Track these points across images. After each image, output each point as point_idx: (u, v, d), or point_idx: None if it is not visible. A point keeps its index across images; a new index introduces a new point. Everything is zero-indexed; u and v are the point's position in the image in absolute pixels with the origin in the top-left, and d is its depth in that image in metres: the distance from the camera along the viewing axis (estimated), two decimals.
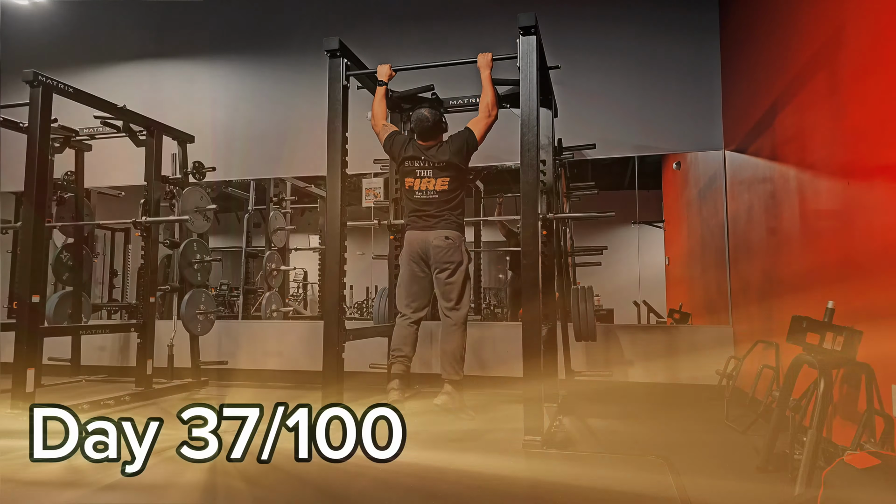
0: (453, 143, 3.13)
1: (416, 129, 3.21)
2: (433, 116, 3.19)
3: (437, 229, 3.09)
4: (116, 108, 4.16)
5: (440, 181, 3.10)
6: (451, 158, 3.08)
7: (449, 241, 3.07)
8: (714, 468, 2.45)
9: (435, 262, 3.10)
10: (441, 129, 3.21)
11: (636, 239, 5.89)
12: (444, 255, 3.07)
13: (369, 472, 2.30)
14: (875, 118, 2.18)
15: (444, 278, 3.10)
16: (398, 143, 3.23)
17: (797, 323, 2.34)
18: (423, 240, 3.11)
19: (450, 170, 3.10)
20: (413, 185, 3.15)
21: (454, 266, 3.09)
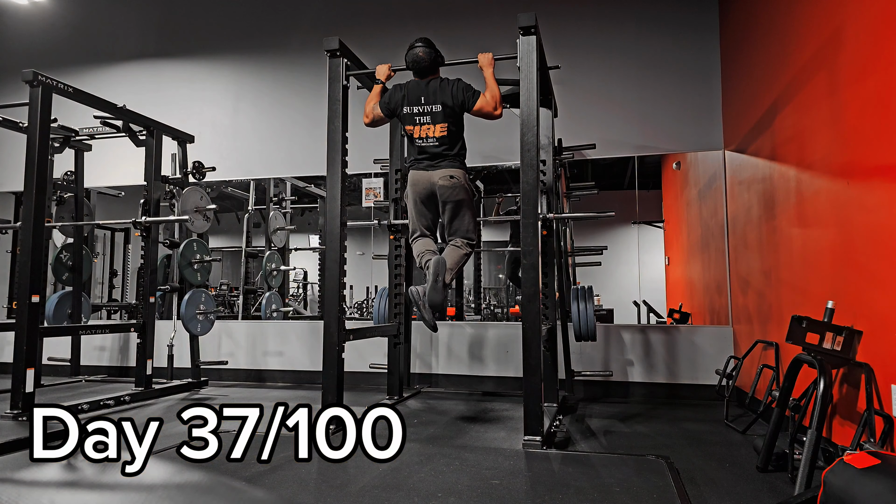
0: (455, 86, 3.13)
1: (412, 67, 3.21)
2: (428, 55, 3.18)
3: (442, 168, 3.14)
4: (116, 108, 4.16)
5: (439, 127, 3.13)
6: (448, 100, 3.10)
7: (454, 180, 3.12)
8: (714, 468, 2.45)
9: (441, 199, 3.17)
10: (437, 63, 3.22)
11: (636, 239, 5.89)
12: (450, 193, 3.13)
13: (369, 471, 2.31)
14: (875, 118, 2.18)
15: (450, 216, 3.19)
16: (394, 97, 3.22)
17: (797, 323, 2.34)
18: (427, 179, 3.16)
19: (446, 114, 3.11)
20: (413, 132, 3.19)
21: (459, 203, 3.16)
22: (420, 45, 3.20)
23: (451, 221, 3.21)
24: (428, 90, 3.15)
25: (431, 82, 3.18)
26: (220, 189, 5.80)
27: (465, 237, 3.22)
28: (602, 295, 5.67)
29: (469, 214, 3.22)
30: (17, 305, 3.46)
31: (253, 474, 2.29)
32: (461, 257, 3.19)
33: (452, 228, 3.23)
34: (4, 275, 5.94)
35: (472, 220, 3.23)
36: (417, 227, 3.29)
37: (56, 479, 0.40)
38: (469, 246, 3.23)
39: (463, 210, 3.19)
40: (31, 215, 3.40)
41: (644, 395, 4.27)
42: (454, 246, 3.21)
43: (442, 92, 3.12)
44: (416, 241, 3.30)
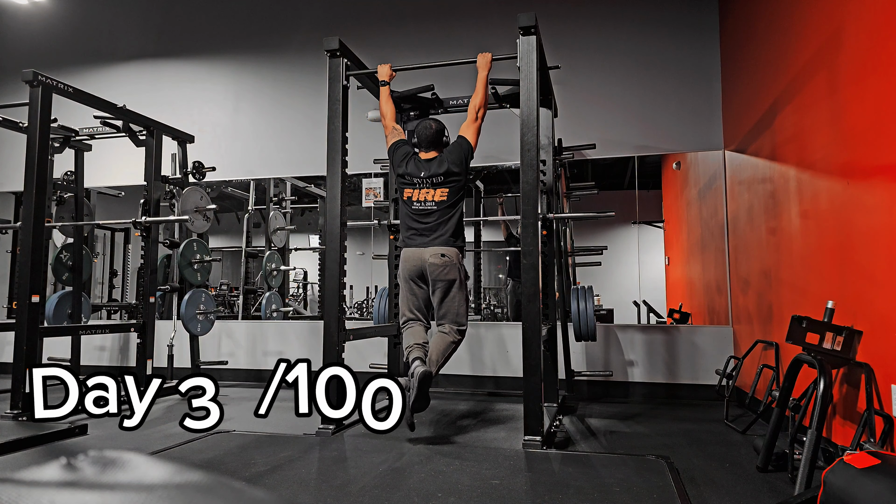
0: (451, 153, 3.10)
1: (419, 137, 3.18)
2: (436, 126, 3.18)
3: (434, 246, 3.02)
4: (116, 108, 4.16)
5: (439, 192, 3.06)
6: (451, 167, 3.05)
7: (445, 259, 3.00)
8: (714, 468, 2.45)
9: (431, 279, 3.04)
10: (442, 142, 3.18)
11: (636, 239, 5.89)
12: (440, 272, 3.01)
13: (370, 471, 2.31)
14: (874, 118, 2.18)
15: (441, 296, 3.05)
16: (400, 154, 3.20)
17: (797, 323, 2.34)
18: (418, 256, 3.05)
19: (449, 181, 3.07)
20: (412, 195, 3.10)
21: (449, 283, 3.03)
22: (431, 119, 3.23)
23: (440, 303, 3.06)
24: (430, 166, 3.11)
25: (433, 160, 3.13)
26: (220, 189, 5.80)
27: (455, 322, 3.06)
28: (602, 295, 5.67)
29: (460, 297, 3.06)
30: (17, 305, 3.46)
31: (253, 474, 2.29)
32: (449, 346, 3.02)
33: (442, 311, 3.07)
34: (4, 275, 5.94)
35: (462, 303, 3.07)
36: (407, 309, 3.15)
37: (56, 479, 0.40)
38: (459, 333, 3.06)
39: (453, 291, 3.04)
40: (31, 215, 3.40)
41: (644, 395, 4.27)
42: (442, 333, 3.05)
43: (441, 165, 3.08)
44: (406, 329, 3.14)
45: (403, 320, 3.17)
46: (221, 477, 0.42)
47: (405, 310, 3.17)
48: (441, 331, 3.06)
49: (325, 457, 2.55)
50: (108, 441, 2.95)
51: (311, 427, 3.09)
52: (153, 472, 0.42)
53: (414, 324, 3.14)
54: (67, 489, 0.40)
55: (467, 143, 3.10)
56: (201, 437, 2.91)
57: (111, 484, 0.41)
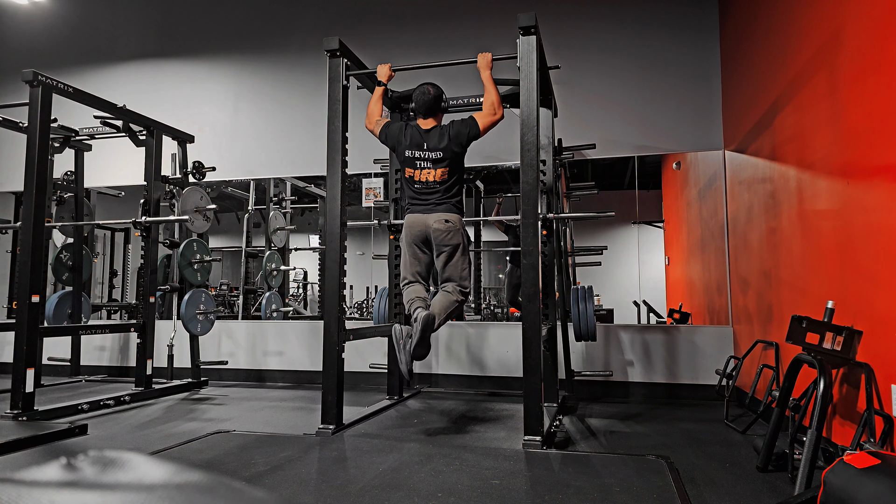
0: (453, 127, 3.13)
1: (416, 102, 3.20)
2: (434, 90, 3.19)
3: (437, 212, 3.11)
4: (116, 108, 4.16)
5: (440, 171, 3.11)
6: (450, 144, 3.08)
7: (449, 224, 3.08)
8: (714, 468, 2.45)
9: (435, 244, 3.12)
10: (441, 106, 3.20)
11: (636, 239, 5.89)
12: (444, 237, 3.09)
13: (369, 470, 2.31)
14: (874, 118, 2.18)
15: (445, 260, 3.12)
16: (394, 130, 3.22)
17: (797, 323, 2.34)
18: (422, 222, 3.12)
19: (448, 158, 3.10)
20: (413, 175, 3.15)
21: (454, 248, 3.11)
22: (429, 84, 3.22)
23: (444, 267, 3.13)
24: (430, 137, 3.12)
25: (433, 130, 3.14)
26: (220, 189, 5.80)
27: (459, 284, 3.12)
28: (602, 295, 5.67)
29: (463, 260, 3.13)
30: (17, 305, 3.46)
31: (253, 474, 2.29)
32: (451, 303, 3.08)
33: (445, 274, 3.13)
34: (4, 275, 5.94)
35: (465, 267, 3.14)
36: (409, 273, 3.21)
37: (56, 479, 0.40)
38: (462, 294, 3.12)
39: (457, 255, 3.11)
40: (31, 215, 3.40)
41: (644, 395, 4.27)
42: (446, 292, 3.11)
43: (442, 138, 3.10)
44: (407, 288, 3.20)
45: (405, 283, 3.24)
46: (221, 477, 0.42)
47: (406, 273, 3.23)
48: (444, 290, 3.14)
49: (325, 457, 2.55)
50: (108, 441, 2.95)
51: (312, 427, 3.09)
52: (153, 472, 0.42)
53: (415, 284, 3.21)
54: (67, 489, 0.40)
55: (476, 127, 3.11)
56: (201, 437, 2.91)
57: (111, 484, 0.41)
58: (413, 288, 3.19)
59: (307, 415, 3.54)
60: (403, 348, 2.89)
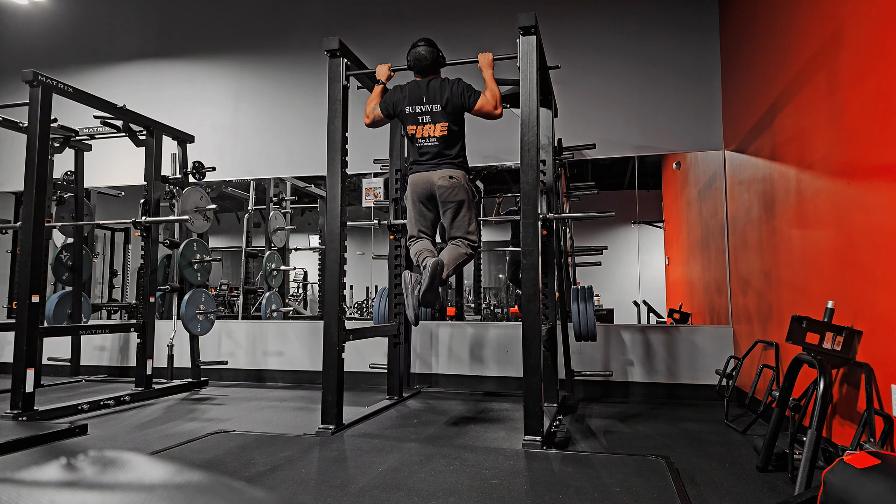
0: (457, 84, 3.12)
1: (413, 66, 3.20)
2: (430, 53, 3.18)
3: (441, 169, 3.11)
4: (116, 108, 4.16)
5: (439, 126, 3.10)
6: (451, 98, 3.08)
7: (453, 181, 3.08)
8: (714, 468, 2.45)
9: (441, 201, 3.13)
10: (438, 63, 3.20)
11: (636, 239, 5.89)
12: (449, 193, 3.09)
13: (369, 471, 2.31)
14: (874, 118, 2.18)
15: (451, 216, 3.14)
16: (391, 96, 3.22)
17: (797, 323, 2.34)
18: (427, 179, 3.12)
19: (448, 112, 3.09)
20: (415, 132, 3.16)
21: (459, 204, 3.11)
22: (422, 44, 3.21)
23: (451, 222, 3.15)
24: (428, 90, 3.14)
25: (432, 82, 3.16)
26: (220, 189, 5.80)
27: (466, 238, 3.15)
28: (602, 295, 5.67)
29: (470, 215, 3.16)
30: (17, 305, 3.46)
31: (253, 474, 2.29)
32: (461, 255, 3.12)
33: (453, 230, 3.16)
34: (4, 275, 5.94)
35: (473, 221, 3.17)
36: (416, 229, 3.24)
37: (56, 479, 0.40)
38: (470, 247, 3.15)
39: (463, 211, 3.13)
40: (31, 215, 3.40)
41: (644, 395, 4.27)
42: (454, 245, 3.15)
43: (442, 91, 3.11)
44: (415, 243, 3.23)
45: (412, 239, 3.25)
46: (221, 477, 0.42)
47: (413, 230, 3.25)
48: (453, 243, 3.15)
49: (325, 457, 2.55)
50: (108, 441, 2.95)
51: (312, 427, 3.09)
52: (153, 472, 0.42)
53: (422, 238, 3.23)
54: (67, 489, 0.40)
55: (473, 101, 3.09)
56: (201, 437, 2.91)
57: (111, 484, 0.41)
58: (421, 242, 3.21)
59: (307, 415, 3.54)
60: (412, 293, 2.91)
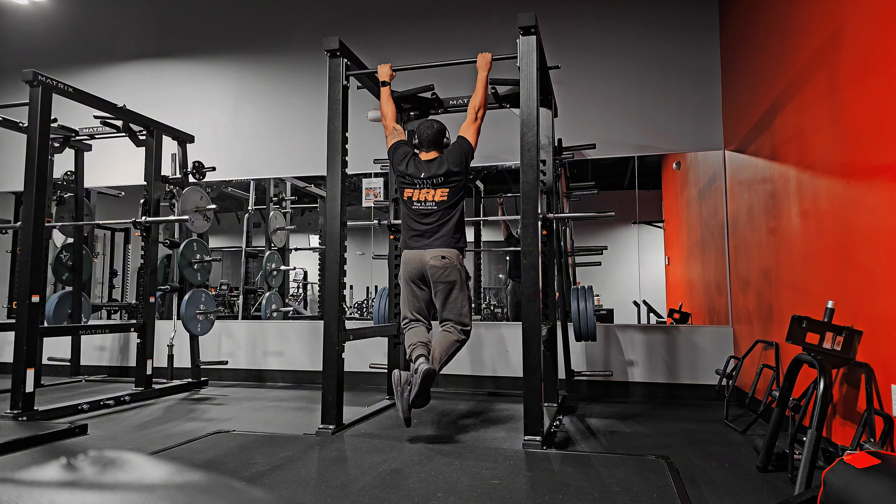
0: (452, 154, 3.09)
1: (420, 136, 3.16)
2: (438, 125, 3.16)
3: (434, 248, 3.02)
4: (116, 108, 4.16)
5: (440, 192, 3.05)
6: (451, 167, 3.05)
7: (445, 261, 3.00)
8: (714, 468, 2.45)
9: (432, 281, 3.04)
10: (443, 143, 3.17)
11: (636, 239, 5.89)
12: (441, 274, 3.01)
13: (369, 471, 2.31)
14: (874, 118, 2.18)
15: (443, 298, 3.05)
16: (399, 154, 3.19)
17: (797, 323, 2.34)
18: (419, 259, 3.05)
19: (450, 181, 3.06)
20: (412, 195, 3.09)
21: (450, 285, 3.02)
22: (434, 119, 3.22)
23: (443, 304, 3.06)
24: (430, 167, 3.10)
25: (433, 161, 3.11)
26: (220, 189, 5.80)
27: (459, 322, 3.05)
28: (602, 295, 5.67)
29: (462, 297, 3.05)
30: (17, 305, 3.46)
31: (253, 474, 2.29)
32: (452, 344, 3.00)
33: (445, 312, 3.06)
34: (4, 275, 5.94)
35: (465, 304, 3.06)
36: (409, 311, 3.15)
37: (56, 479, 0.40)
38: (463, 332, 3.05)
39: (454, 292, 3.03)
40: (31, 215, 3.40)
41: (644, 395, 4.27)
42: (446, 332, 3.04)
43: (441, 165, 3.07)
44: (408, 330, 3.13)
45: (405, 322, 3.17)
46: (221, 477, 0.42)
47: (406, 312, 3.16)
48: (445, 329, 3.05)
49: (325, 457, 2.55)
50: (108, 441, 2.95)
51: (312, 427, 3.09)
52: (153, 472, 0.42)
53: (416, 324, 3.14)
54: (67, 489, 0.40)
55: (467, 143, 3.10)
56: (201, 437, 2.91)
57: (111, 484, 0.41)
58: (414, 330, 3.11)
59: (307, 415, 3.54)
60: (401, 395, 2.78)
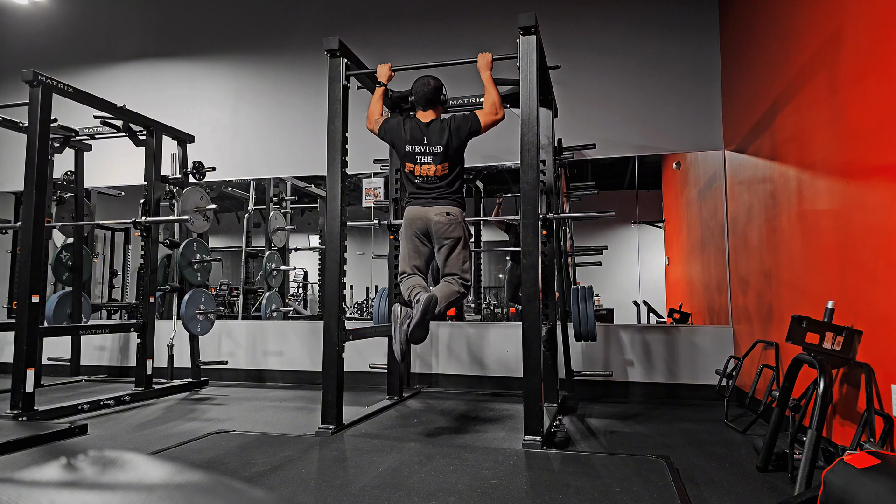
0: (454, 121, 3.11)
1: (416, 94, 3.17)
2: (434, 82, 3.17)
3: (438, 205, 3.09)
4: (116, 108, 4.16)
5: (440, 167, 3.09)
6: (451, 138, 3.06)
7: (450, 217, 3.06)
8: (714, 468, 2.45)
9: (436, 237, 3.10)
10: (440, 98, 3.18)
11: (636, 239, 5.89)
12: (446, 230, 3.06)
13: (369, 470, 2.31)
14: (874, 118, 2.18)
15: (446, 254, 3.10)
16: (392, 125, 3.20)
17: (797, 323, 2.34)
18: (423, 215, 3.10)
19: (448, 153, 3.08)
20: (413, 170, 3.13)
21: (455, 241, 3.08)
22: (428, 79, 3.20)
23: (445, 260, 3.10)
24: (430, 132, 3.10)
25: (432, 124, 3.12)
26: (220, 189, 5.80)
27: (461, 277, 3.09)
28: (602, 295, 5.67)
29: (465, 254, 3.11)
30: (17, 305, 3.46)
31: (253, 474, 2.29)
32: (454, 293, 3.04)
33: (447, 267, 3.10)
34: (4, 275, 5.94)
35: (467, 260, 3.11)
36: (409, 265, 3.18)
37: (56, 479, 0.40)
38: (463, 286, 3.09)
39: (458, 248, 3.08)
40: (31, 215, 3.40)
41: (644, 395, 4.27)
42: (448, 283, 3.08)
43: (442, 132, 3.08)
44: (407, 279, 3.17)
45: (403, 275, 3.20)
46: (221, 477, 0.42)
47: (406, 267, 3.19)
48: (446, 281, 3.10)
49: (325, 457, 2.55)
50: (108, 441, 2.95)
51: (312, 427, 3.09)
52: (153, 472, 0.42)
53: (414, 275, 3.18)
54: (67, 489, 0.40)
55: (477, 123, 3.09)
56: (201, 437, 2.91)
57: (111, 484, 0.41)
58: (413, 279, 3.16)
59: (307, 415, 3.54)
60: (400, 327, 2.86)
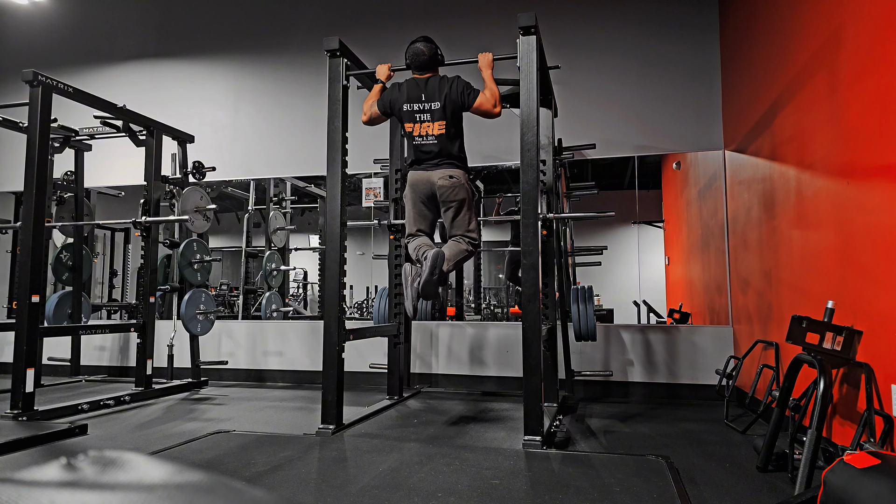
0: (457, 83, 3.10)
1: (412, 62, 3.18)
2: (429, 50, 3.16)
3: (441, 168, 3.10)
4: (116, 108, 4.16)
5: (437, 125, 3.08)
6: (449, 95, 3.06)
7: (453, 180, 3.08)
8: (714, 468, 2.45)
9: (441, 200, 3.12)
10: (437, 61, 3.19)
11: (636, 239, 5.89)
12: (450, 193, 3.09)
13: (370, 470, 2.31)
14: (874, 118, 2.18)
15: (452, 216, 3.13)
16: (389, 93, 3.20)
17: (797, 323, 2.34)
18: (426, 179, 3.11)
19: (446, 110, 3.08)
20: (413, 129, 3.14)
21: (460, 203, 3.11)
22: (421, 40, 3.20)
23: (451, 221, 3.15)
24: (427, 88, 3.12)
25: (430, 80, 3.14)
26: (220, 189, 5.80)
27: (467, 235, 3.15)
28: (602, 295, 5.67)
29: (470, 214, 3.15)
30: (17, 305, 3.46)
31: (253, 474, 2.29)
32: (461, 251, 3.11)
33: (453, 228, 3.15)
34: (4, 275, 5.94)
35: (473, 220, 3.17)
36: (415, 227, 3.23)
37: (56, 479, 0.40)
38: (471, 244, 3.15)
39: (463, 210, 3.13)
40: (31, 215, 3.40)
41: (644, 395, 4.27)
42: (455, 241, 3.14)
43: (441, 89, 3.09)
44: (414, 240, 3.21)
45: (409, 236, 3.24)
46: (221, 477, 0.42)
47: (412, 229, 3.23)
48: (453, 240, 3.14)
49: (325, 457, 2.55)
50: (108, 441, 2.95)
51: (312, 427, 3.09)
52: (153, 472, 0.42)
53: (421, 236, 3.22)
54: (67, 489, 0.40)
55: (473, 99, 3.08)
56: (201, 437, 2.91)
57: (111, 484, 0.41)
58: (420, 239, 3.20)
59: (307, 415, 3.54)
60: (411, 285, 2.90)
